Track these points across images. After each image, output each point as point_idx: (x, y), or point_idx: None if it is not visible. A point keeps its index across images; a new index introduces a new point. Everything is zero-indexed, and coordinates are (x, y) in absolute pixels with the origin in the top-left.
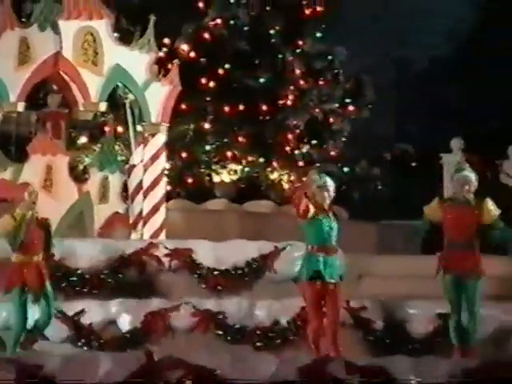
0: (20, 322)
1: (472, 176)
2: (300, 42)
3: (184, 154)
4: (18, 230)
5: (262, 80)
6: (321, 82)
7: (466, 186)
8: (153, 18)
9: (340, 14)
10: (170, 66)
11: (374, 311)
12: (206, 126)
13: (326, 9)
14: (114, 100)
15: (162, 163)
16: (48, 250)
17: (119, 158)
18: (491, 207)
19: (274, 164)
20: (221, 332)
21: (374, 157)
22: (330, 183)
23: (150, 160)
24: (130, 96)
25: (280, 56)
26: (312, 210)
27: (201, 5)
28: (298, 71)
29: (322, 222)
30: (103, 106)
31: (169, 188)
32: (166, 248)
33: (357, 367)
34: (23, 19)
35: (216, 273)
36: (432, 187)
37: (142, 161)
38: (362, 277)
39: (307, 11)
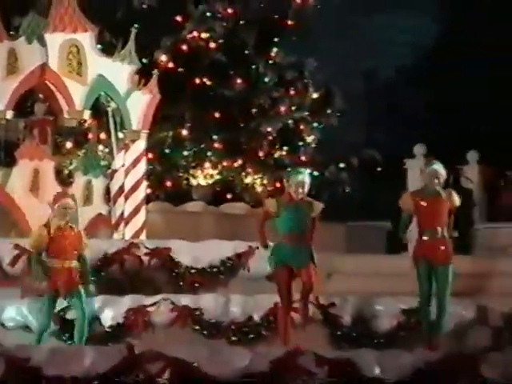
0: (44, 322)
1: (441, 169)
2: (272, 54)
3: (163, 159)
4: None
5: (235, 89)
6: (292, 92)
7: (436, 178)
8: (134, 31)
9: (309, 27)
10: (149, 76)
11: (343, 307)
12: (184, 132)
13: (297, 22)
14: (97, 108)
15: (142, 168)
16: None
17: (102, 163)
18: (455, 197)
19: (248, 169)
20: (198, 327)
21: (343, 162)
22: (307, 179)
23: (131, 165)
24: (113, 104)
25: (253, 67)
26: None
27: (179, 18)
28: (270, 81)
29: (290, 212)
30: (87, 114)
31: (149, 191)
32: (146, 247)
33: (326, 360)
34: (11, 32)
35: (193, 271)
36: (397, 191)
37: (123, 165)
38: (331, 275)
39: (278, 24)
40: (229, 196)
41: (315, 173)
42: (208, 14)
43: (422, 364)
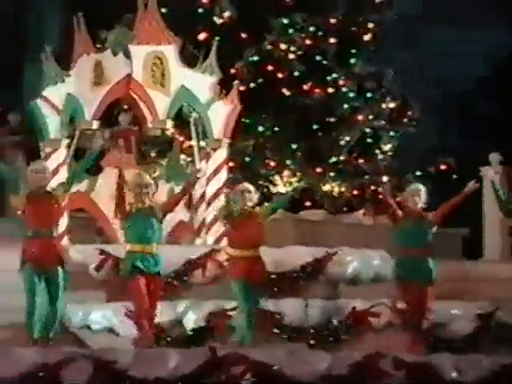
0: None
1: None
2: (351, 65)
3: (244, 168)
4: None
5: (315, 99)
6: (370, 101)
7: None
8: (215, 44)
9: (387, 38)
10: (231, 86)
11: None
12: (265, 141)
13: (375, 34)
14: (180, 118)
15: (224, 176)
16: None
17: (184, 171)
18: None
19: (327, 176)
20: (278, 331)
21: (419, 170)
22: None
23: (212, 173)
24: (195, 114)
25: (333, 77)
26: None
27: (259, 29)
28: (349, 91)
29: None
30: (170, 124)
31: None
32: (228, 253)
33: (404, 363)
34: (98, 45)
35: (273, 276)
36: (472, 198)
37: (204, 174)
38: None
39: (357, 37)
40: (308, 203)
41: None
42: (288, 25)
43: (499, 367)
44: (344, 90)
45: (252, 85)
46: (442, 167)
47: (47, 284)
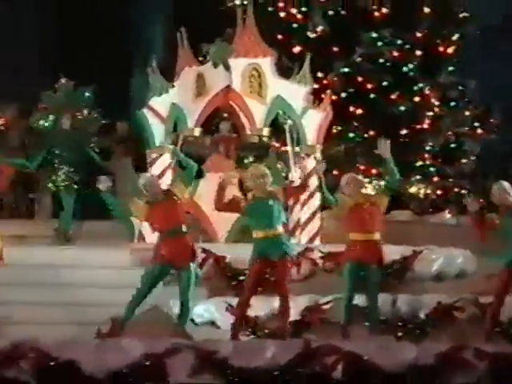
0: None
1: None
2: (435, 75)
3: (335, 172)
4: None
5: (402, 108)
6: (453, 109)
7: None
8: (308, 56)
9: (468, 50)
10: (323, 96)
11: None
12: (355, 146)
13: (458, 47)
14: (276, 125)
15: (316, 178)
16: None
17: (280, 174)
18: None
19: (413, 179)
20: (368, 323)
21: (501, 173)
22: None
23: (307, 176)
24: (290, 122)
25: (418, 87)
26: None
27: (349, 43)
28: (433, 100)
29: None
30: (267, 131)
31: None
32: (321, 251)
33: (487, 354)
34: (200, 58)
35: None
36: None
37: (299, 177)
38: (491, 276)
39: (441, 49)
40: (395, 204)
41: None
42: (376, 39)
43: None
44: (429, 99)
45: (343, 94)
46: None
47: (180, 280)
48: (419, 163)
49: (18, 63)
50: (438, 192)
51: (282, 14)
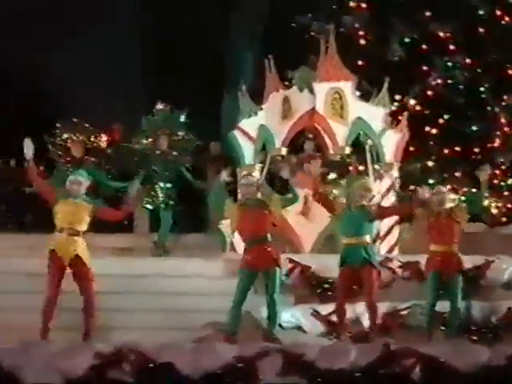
0: None
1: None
2: (505, 97)
3: (411, 187)
4: None
5: (474, 128)
6: None
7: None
8: (387, 80)
9: None
10: (400, 117)
11: None
12: (430, 164)
13: None
14: (357, 145)
15: (394, 193)
16: None
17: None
18: None
19: (485, 194)
20: (443, 328)
21: None
22: None
23: (385, 191)
24: (369, 141)
25: (489, 108)
26: None
27: (425, 68)
28: (503, 120)
29: None
30: (348, 150)
31: None
32: (399, 261)
33: None
34: (286, 83)
35: None
36: None
37: (378, 192)
38: None
39: (511, 72)
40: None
41: None
42: (450, 64)
43: None
44: (500, 119)
45: (419, 116)
46: None
47: (266, 284)
48: (491, 179)
49: (124, 88)
50: (509, 206)
51: (362, 42)
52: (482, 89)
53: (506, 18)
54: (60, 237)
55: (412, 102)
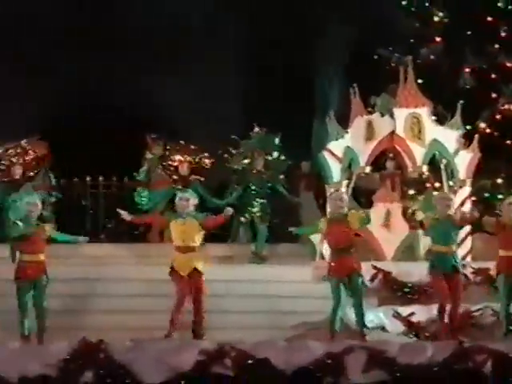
0: None
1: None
2: None
3: (484, 203)
4: None
5: None
6: None
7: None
8: (459, 106)
9: None
10: (472, 138)
11: None
12: (499, 180)
13: None
14: (433, 164)
15: (467, 208)
16: None
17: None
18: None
19: None
20: None
21: None
22: None
23: (459, 205)
24: (444, 161)
25: None
26: None
27: (493, 95)
28: None
29: None
30: (425, 168)
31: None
32: (472, 267)
33: None
34: (369, 108)
35: None
36: None
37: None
38: None
39: None
40: None
41: None
42: None
43: None
44: None
45: (488, 137)
46: None
47: (351, 289)
48: None
49: (223, 113)
50: None
51: (436, 71)
52: None
53: None
54: (178, 255)
55: (482, 124)
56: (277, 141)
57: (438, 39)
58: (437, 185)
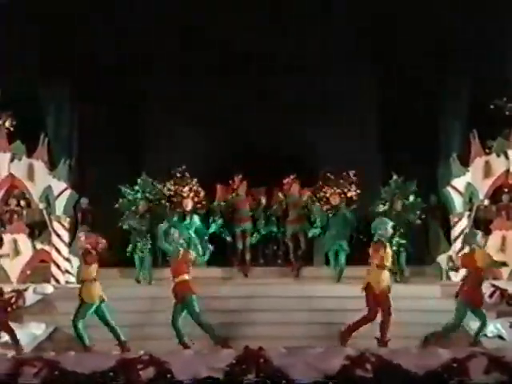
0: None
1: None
2: None
3: None
4: None
5: None
6: None
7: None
8: None
9: None
10: None
11: None
12: None
13: None
14: None
15: None
16: None
17: None
18: None
19: None
20: None
21: None
22: None
23: None
24: None
25: None
26: None
27: None
28: None
29: None
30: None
31: None
32: None
33: None
34: (486, 150)
35: None
36: None
37: None
38: None
39: None
40: None
41: None
42: None
43: None
44: None
45: None
46: None
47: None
48: None
49: (363, 161)
50: None
51: None
52: None
53: None
54: (373, 272)
55: None
56: (414, 187)
57: None
58: None
